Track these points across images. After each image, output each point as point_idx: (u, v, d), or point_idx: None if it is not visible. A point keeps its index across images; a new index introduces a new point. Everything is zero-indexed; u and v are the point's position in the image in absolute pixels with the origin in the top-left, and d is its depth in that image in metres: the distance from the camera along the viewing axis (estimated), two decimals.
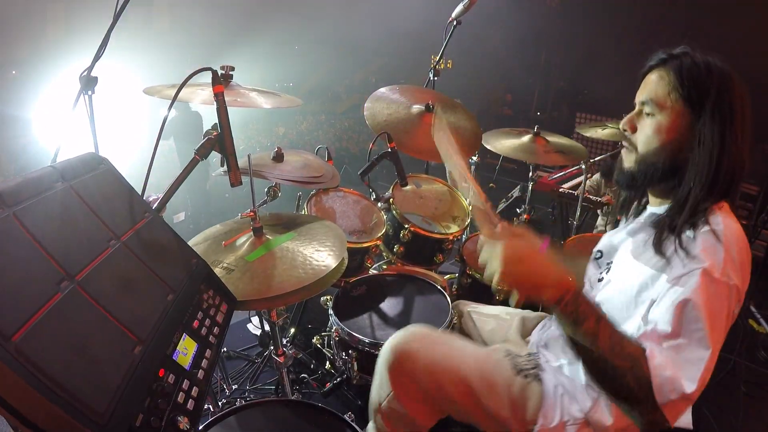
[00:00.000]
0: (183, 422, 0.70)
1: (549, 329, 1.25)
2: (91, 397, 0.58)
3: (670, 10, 5.37)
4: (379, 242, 1.92)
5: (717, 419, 2.16)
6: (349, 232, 1.95)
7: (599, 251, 1.19)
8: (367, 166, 2.00)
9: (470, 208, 1.10)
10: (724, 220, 0.91)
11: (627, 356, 0.80)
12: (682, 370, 0.81)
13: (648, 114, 1.00)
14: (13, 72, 4.23)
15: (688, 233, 0.91)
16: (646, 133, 1.01)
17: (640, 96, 1.02)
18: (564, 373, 1.10)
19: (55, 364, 0.56)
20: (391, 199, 2.02)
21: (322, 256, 1.32)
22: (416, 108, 2.17)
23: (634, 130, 1.04)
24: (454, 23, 2.39)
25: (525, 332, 1.37)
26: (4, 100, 4.02)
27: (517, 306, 0.89)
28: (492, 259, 0.82)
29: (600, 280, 1.12)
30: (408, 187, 2.11)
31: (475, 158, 2.63)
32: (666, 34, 5.44)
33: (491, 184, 5.48)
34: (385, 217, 2.05)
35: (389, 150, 1.95)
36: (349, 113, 6.76)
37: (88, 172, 0.87)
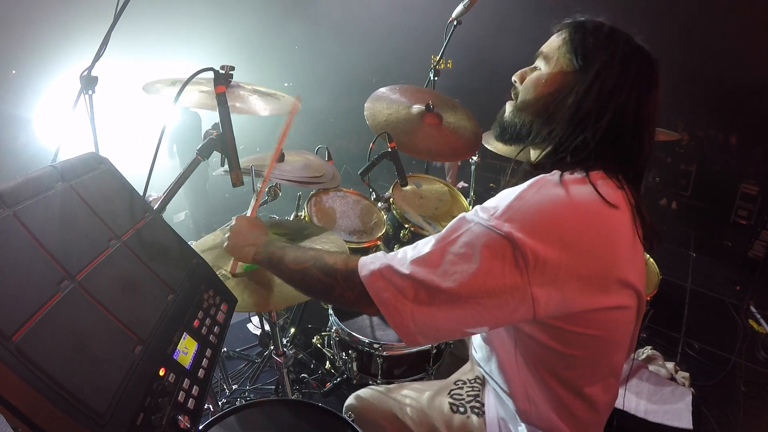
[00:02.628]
0: (184, 421, 0.70)
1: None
2: (91, 397, 0.58)
3: (670, 9, 5.37)
4: (379, 242, 1.92)
5: (717, 419, 2.17)
6: (349, 232, 1.95)
7: None
8: (367, 166, 2.01)
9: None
10: (565, 182, 0.78)
11: (310, 258, 0.95)
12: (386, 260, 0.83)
13: (537, 68, 0.95)
14: (13, 72, 4.23)
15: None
16: (527, 83, 0.95)
17: (543, 48, 0.97)
18: (501, 398, 1.10)
19: (55, 364, 0.56)
20: (391, 199, 2.02)
21: None
22: (416, 108, 2.17)
23: (522, 81, 0.97)
24: (455, 23, 2.39)
25: None
26: (4, 100, 4.01)
27: (231, 271, 1.24)
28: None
29: None
30: (408, 187, 2.11)
31: (475, 158, 2.63)
32: (666, 33, 5.45)
33: (491, 185, 5.49)
34: (385, 217, 2.05)
35: (389, 150, 1.95)
36: (349, 113, 6.76)
37: (88, 172, 0.87)
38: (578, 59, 0.87)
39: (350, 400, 1.29)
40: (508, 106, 1.00)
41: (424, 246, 0.82)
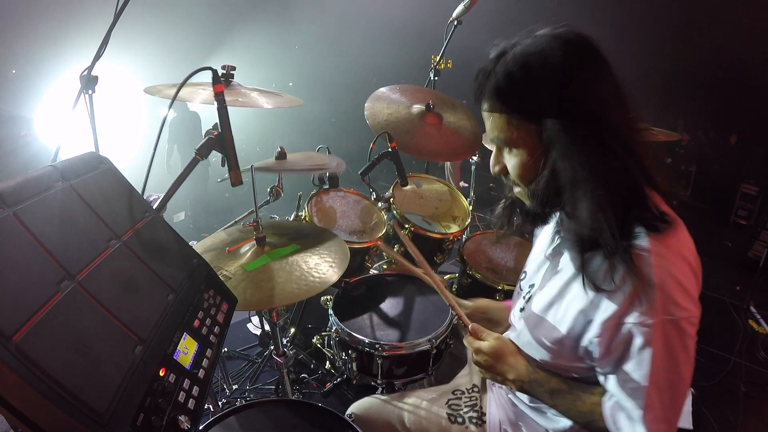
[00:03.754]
0: (184, 422, 0.70)
1: None
2: (91, 397, 0.58)
3: (670, 8, 5.37)
4: (379, 242, 1.92)
5: (717, 419, 2.17)
6: (350, 232, 1.95)
7: (524, 271, 1.11)
8: (368, 166, 2.00)
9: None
10: (651, 241, 0.76)
11: (586, 413, 0.89)
12: (669, 417, 0.81)
13: (507, 150, 0.88)
14: (13, 71, 4.22)
15: (616, 264, 0.77)
16: (516, 173, 0.88)
17: (489, 134, 0.89)
18: (513, 402, 1.11)
19: (55, 364, 0.56)
20: (391, 199, 2.02)
21: (320, 270, 1.33)
22: (416, 108, 2.17)
23: (506, 172, 0.91)
24: (455, 23, 2.39)
25: None
26: (4, 100, 4.01)
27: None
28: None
29: (522, 309, 1.04)
30: (408, 187, 2.11)
31: (475, 158, 2.63)
32: (667, 32, 5.44)
33: (491, 185, 5.49)
34: (385, 217, 2.05)
35: (389, 150, 1.95)
36: (349, 113, 6.76)
37: (88, 172, 0.87)
38: (530, 121, 0.80)
39: (350, 410, 1.31)
40: (521, 195, 0.93)
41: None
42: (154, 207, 1.06)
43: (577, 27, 0.81)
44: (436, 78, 2.56)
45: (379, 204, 2.06)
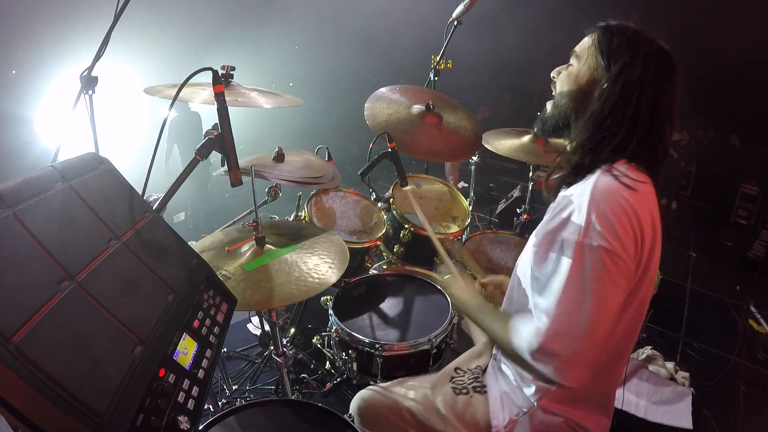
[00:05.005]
0: (183, 422, 0.70)
1: None
2: (91, 397, 0.58)
3: (670, 9, 5.37)
4: (379, 242, 1.92)
5: (717, 419, 2.17)
6: (349, 232, 1.95)
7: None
8: (367, 166, 2.01)
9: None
10: (601, 176, 0.92)
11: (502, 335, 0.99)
12: (566, 342, 0.87)
13: (571, 65, 1.06)
14: (13, 71, 4.22)
15: (567, 192, 0.95)
16: (561, 78, 1.07)
17: (578, 48, 1.07)
18: (505, 374, 1.19)
19: (55, 365, 0.56)
20: (391, 199, 2.02)
21: (319, 271, 1.33)
22: (416, 108, 2.17)
23: (558, 76, 1.09)
24: (455, 23, 2.39)
25: None
26: (4, 100, 4.01)
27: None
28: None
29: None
30: (408, 187, 2.11)
31: (475, 158, 2.63)
32: (666, 33, 5.43)
33: (491, 184, 5.49)
34: (385, 217, 2.05)
35: (389, 150, 1.95)
36: (349, 113, 6.75)
37: (88, 172, 0.87)
38: (604, 58, 0.98)
39: (353, 404, 1.32)
40: (549, 105, 1.11)
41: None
42: (153, 207, 1.06)
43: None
44: (436, 78, 2.56)
45: (379, 204, 2.07)
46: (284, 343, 1.85)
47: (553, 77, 1.10)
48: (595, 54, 1.00)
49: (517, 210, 2.93)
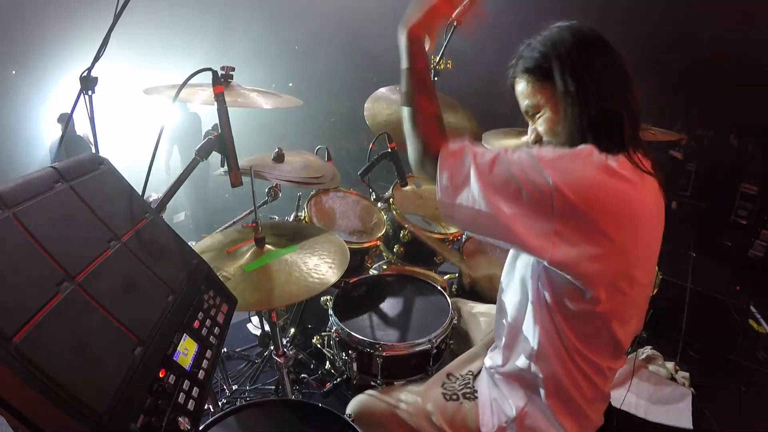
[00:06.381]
0: (184, 422, 0.70)
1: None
2: (91, 398, 0.58)
3: (671, 9, 5.36)
4: (379, 242, 1.92)
5: (717, 419, 2.17)
6: (349, 232, 1.95)
7: None
8: (367, 166, 2.00)
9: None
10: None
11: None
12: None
13: (536, 116, 1.03)
14: (13, 72, 4.23)
15: None
16: (546, 130, 1.02)
17: (521, 107, 1.06)
18: (496, 380, 1.19)
19: (55, 365, 0.56)
20: (391, 199, 2.02)
21: (319, 271, 1.33)
22: None
23: (540, 138, 1.04)
24: (455, 24, 2.39)
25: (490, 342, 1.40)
26: (4, 100, 4.01)
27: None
28: None
29: None
30: (408, 187, 2.11)
31: None
32: (666, 33, 5.44)
33: None
34: (385, 217, 2.05)
35: (389, 150, 1.95)
36: (349, 113, 6.76)
37: (88, 173, 0.87)
38: (546, 78, 0.97)
39: (348, 409, 1.33)
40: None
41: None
42: (153, 208, 1.06)
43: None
44: (436, 78, 2.56)
45: (379, 204, 2.06)
46: (284, 343, 1.86)
47: (537, 142, 1.05)
48: (542, 86, 0.98)
49: None
